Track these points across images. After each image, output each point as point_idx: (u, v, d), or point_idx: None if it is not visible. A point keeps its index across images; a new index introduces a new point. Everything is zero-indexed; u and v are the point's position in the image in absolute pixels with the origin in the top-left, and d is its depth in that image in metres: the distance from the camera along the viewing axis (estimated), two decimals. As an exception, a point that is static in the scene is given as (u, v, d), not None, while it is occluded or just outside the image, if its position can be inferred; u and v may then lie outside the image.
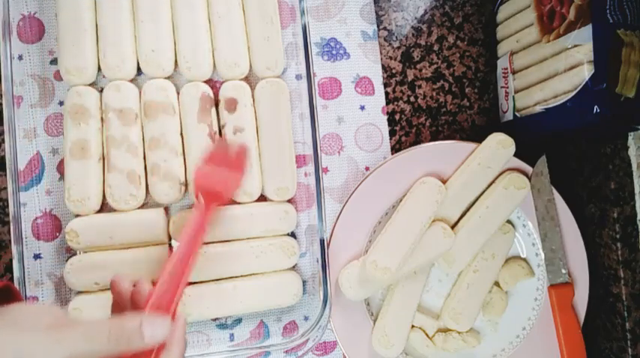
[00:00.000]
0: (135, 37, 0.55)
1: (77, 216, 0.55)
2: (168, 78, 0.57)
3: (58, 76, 0.56)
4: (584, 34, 0.51)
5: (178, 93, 0.56)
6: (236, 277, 0.56)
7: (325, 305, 0.54)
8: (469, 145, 0.59)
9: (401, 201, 0.58)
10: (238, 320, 0.59)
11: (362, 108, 0.62)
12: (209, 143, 0.55)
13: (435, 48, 0.65)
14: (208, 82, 0.57)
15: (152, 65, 0.55)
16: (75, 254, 0.55)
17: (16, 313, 0.35)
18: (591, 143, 0.61)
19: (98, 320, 0.35)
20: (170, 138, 0.55)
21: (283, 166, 0.57)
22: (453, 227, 0.59)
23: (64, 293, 0.56)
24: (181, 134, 0.56)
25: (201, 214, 0.48)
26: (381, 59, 0.63)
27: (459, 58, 0.65)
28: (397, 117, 0.64)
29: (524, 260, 0.62)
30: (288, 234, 0.58)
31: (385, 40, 0.64)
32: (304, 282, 0.59)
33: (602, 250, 0.60)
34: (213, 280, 0.56)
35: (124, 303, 0.42)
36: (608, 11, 0.50)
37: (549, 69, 0.55)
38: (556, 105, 0.54)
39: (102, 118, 0.55)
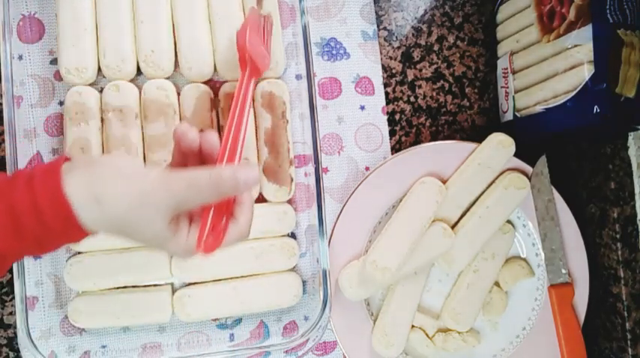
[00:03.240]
0: (135, 37, 0.55)
1: (77, 216, 0.55)
2: (168, 78, 0.57)
3: (58, 76, 0.56)
4: (584, 34, 0.51)
5: (179, 93, 0.56)
6: (236, 278, 0.57)
7: (325, 305, 0.54)
8: (469, 145, 0.59)
9: (401, 201, 0.58)
10: (238, 320, 0.59)
11: (362, 108, 0.62)
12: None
13: (435, 48, 0.65)
14: (208, 82, 0.57)
15: (152, 65, 0.55)
16: (75, 254, 0.55)
17: (120, 164, 0.38)
18: (591, 143, 0.61)
19: (198, 171, 0.38)
20: (170, 138, 0.55)
21: (282, 167, 0.57)
22: (453, 227, 0.59)
23: (64, 293, 0.56)
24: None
25: (248, 76, 0.50)
26: (381, 59, 0.63)
27: (459, 58, 0.65)
28: (397, 117, 0.64)
29: (524, 260, 0.62)
30: (287, 235, 0.58)
31: (385, 40, 0.64)
32: (304, 282, 0.59)
33: (602, 250, 0.60)
34: (213, 280, 0.56)
35: (190, 154, 0.43)
36: (608, 11, 0.50)
37: (549, 69, 0.55)
38: (556, 105, 0.54)
39: (102, 118, 0.55)
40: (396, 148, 0.63)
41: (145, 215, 0.37)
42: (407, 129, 0.64)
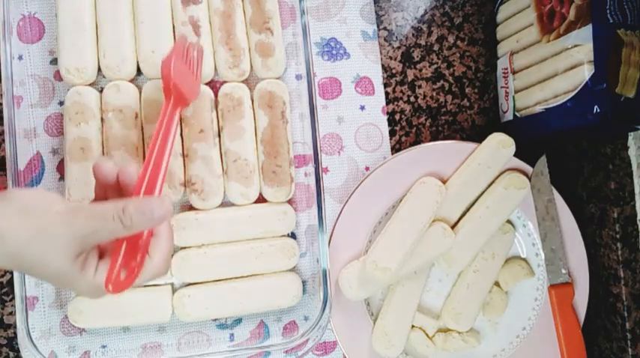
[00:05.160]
0: (135, 37, 0.55)
1: (77, 216, 0.55)
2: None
3: (58, 76, 0.56)
4: (584, 34, 0.51)
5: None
6: (236, 278, 0.57)
7: (325, 305, 0.54)
8: (469, 145, 0.59)
9: (401, 201, 0.58)
10: (238, 320, 0.59)
11: (362, 108, 0.62)
12: (210, 144, 0.55)
13: (435, 48, 0.65)
14: (209, 83, 0.57)
15: (152, 66, 0.55)
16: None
17: (25, 199, 0.37)
18: (591, 143, 0.61)
19: (104, 204, 0.38)
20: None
21: (282, 167, 0.57)
22: (453, 227, 0.59)
23: (64, 293, 0.56)
24: (181, 135, 0.56)
25: (172, 107, 0.48)
26: (381, 59, 0.63)
27: (459, 58, 0.65)
28: (397, 117, 0.64)
29: (524, 260, 0.62)
30: (287, 235, 0.58)
31: (385, 40, 0.64)
32: (304, 282, 0.59)
33: (602, 250, 0.60)
34: (213, 281, 0.56)
35: (108, 187, 0.42)
36: (608, 11, 0.50)
37: (549, 69, 0.55)
38: (556, 105, 0.54)
39: (102, 118, 0.55)
40: (396, 148, 0.63)
41: (44, 250, 0.36)
42: (407, 129, 0.64)
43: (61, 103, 0.56)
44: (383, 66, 0.63)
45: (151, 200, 0.39)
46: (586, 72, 0.50)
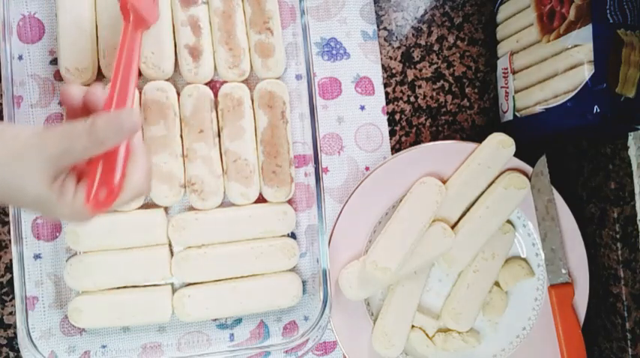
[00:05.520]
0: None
1: (77, 216, 0.55)
2: (168, 80, 0.56)
3: (58, 76, 0.56)
4: (584, 34, 0.51)
5: (179, 94, 0.56)
6: (236, 278, 0.57)
7: (325, 305, 0.54)
8: (469, 145, 0.59)
9: (401, 201, 0.58)
10: (238, 320, 0.59)
11: (362, 108, 0.62)
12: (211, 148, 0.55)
13: (435, 48, 0.65)
14: (208, 83, 0.57)
15: (152, 67, 0.55)
16: (75, 254, 0.55)
17: None
18: (591, 143, 0.61)
19: (74, 122, 0.37)
20: (170, 140, 0.55)
21: (282, 167, 0.57)
22: (453, 227, 0.59)
23: (64, 293, 0.56)
24: (181, 136, 0.56)
25: (133, 27, 0.47)
26: (381, 59, 0.63)
27: (459, 58, 0.65)
28: (397, 117, 0.64)
29: (524, 260, 0.62)
30: (287, 235, 0.58)
31: (385, 40, 0.64)
32: (304, 282, 0.59)
33: (602, 250, 0.60)
34: (213, 281, 0.56)
35: (78, 112, 0.41)
36: (608, 11, 0.50)
37: (549, 69, 0.55)
38: (556, 105, 0.54)
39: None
40: (396, 148, 0.63)
41: (19, 175, 0.35)
42: (407, 129, 0.64)
43: (61, 103, 0.56)
44: (383, 66, 0.63)
45: (119, 112, 0.39)
46: (586, 72, 0.50)
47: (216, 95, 0.57)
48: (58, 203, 0.37)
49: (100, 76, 0.56)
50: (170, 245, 0.57)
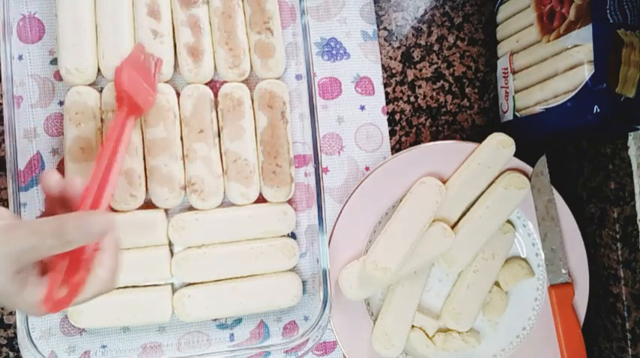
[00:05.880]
0: (135, 38, 0.55)
1: (77, 216, 0.55)
2: (167, 81, 0.56)
3: (58, 76, 0.56)
4: (584, 34, 0.51)
5: (178, 94, 0.56)
6: (236, 278, 0.57)
7: (325, 305, 0.54)
8: (469, 145, 0.59)
9: (401, 201, 0.58)
10: (238, 320, 0.59)
11: (362, 108, 0.62)
12: (212, 150, 0.55)
13: (435, 48, 0.65)
14: (209, 83, 0.57)
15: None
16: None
17: None
18: (591, 143, 0.61)
19: (44, 218, 0.37)
20: (170, 142, 0.55)
21: (282, 167, 0.57)
22: (453, 227, 0.59)
23: (64, 294, 0.56)
24: (181, 138, 0.56)
25: (125, 115, 0.47)
26: (381, 59, 0.63)
27: (459, 58, 0.65)
28: (397, 117, 0.64)
29: (524, 260, 0.62)
30: (287, 235, 0.58)
31: (385, 40, 0.64)
32: (304, 282, 0.59)
33: (602, 250, 0.60)
34: (213, 281, 0.56)
35: (55, 201, 0.41)
36: (608, 11, 0.50)
37: (549, 69, 0.55)
38: (556, 105, 0.54)
39: (102, 119, 0.55)
40: (396, 148, 0.63)
41: None
42: (407, 129, 0.64)
43: (61, 103, 0.56)
44: (383, 66, 0.63)
45: (90, 214, 0.38)
46: (586, 72, 0.50)
47: (216, 95, 0.57)
48: (17, 297, 0.37)
49: (99, 76, 0.56)
50: (170, 245, 0.57)
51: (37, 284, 0.37)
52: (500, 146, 0.58)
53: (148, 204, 0.56)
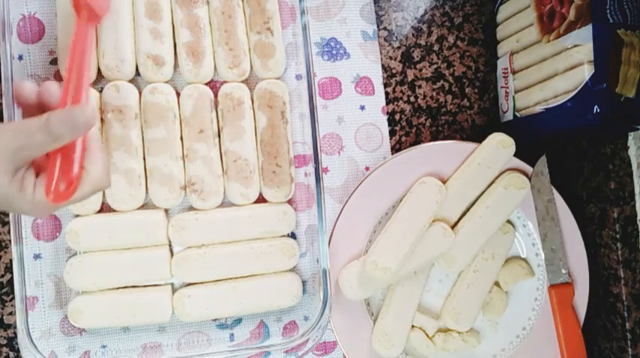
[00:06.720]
0: (134, 38, 0.55)
1: (77, 216, 0.55)
2: (168, 81, 0.56)
3: (58, 76, 0.56)
4: (584, 34, 0.51)
5: (178, 94, 0.56)
6: (236, 278, 0.57)
7: (325, 305, 0.54)
8: (469, 145, 0.59)
9: (401, 201, 0.58)
10: (238, 320, 0.59)
11: (362, 108, 0.62)
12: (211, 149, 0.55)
13: (435, 48, 0.65)
14: (209, 83, 0.57)
15: (151, 70, 0.55)
16: (75, 254, 0.55)
17: None
18: (591, 143, 0.61)
19: (29, 118, 0.38)
20: (170, 142, 0.55)
21: (282, 167, 0.57)
22: (453, 227, 0.59)
23: (64, 293, 0.56)
24: (181, 138, 0.56)
25: (85, 23, 0.47)
26: (381, 59, 0.63)
27: (459, 58, 0.65)
28: (397, 117, 0.64)
29: (524, 260, 0.62)
30: (287, 235, 0.58)
31: (385, 40, 0.64)
32: (304, 282, 0.59)
33: (602, 250, 0.60)
34: (213, 281, 0.56)
35: (33, 109, 0.42)
36: (608, 11, 0.50)
37: (549, 69, 0.55)
38: (556, 105, 0.54)
39: (102, 118, 0.55)
40: (396, 148, 0.63)
41: None
42: (407, 129, 0.64)
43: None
44: (383, 66, 0.63)
45: (73, 108, 0.39)
46: (586, 72, 0.50)
47: (216, 95, 0.57)
48: (18, 197, 0.38)
49: (99, 76, 0.56)
50: (170, 245, 0.57)
51: (35, 185, 0.39)
52: (500, 146, 0.58)
53: (148, 204, 0.57)
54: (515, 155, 0.59)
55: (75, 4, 0.48)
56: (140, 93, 0.55)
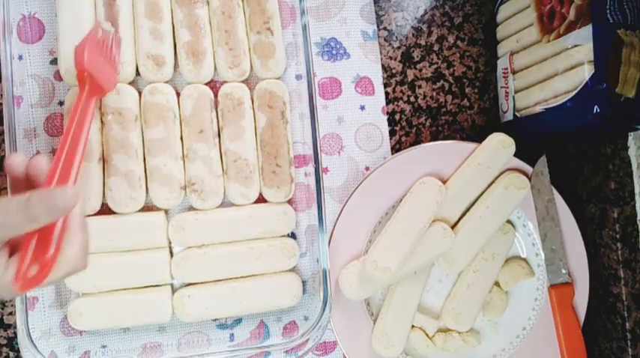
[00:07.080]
0: (134, 39, 0.55)
1: (77, 216, 0.55)
2: (168, 81, 0.56)
3: (58, 76, 0.56)
4: (584, 34, 0.51)
5: (178, 94, 0.56)
6: (236, 278, 0.57)
7: (325, 305, 0.54)
8: (469, 145, 0.59)
9: (401, 201, 0.58)
10: (238, 320, 0.59)
11: (362, 108, 0.62)
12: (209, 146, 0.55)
13: (435, 48, 0.65)
14: (209, 83, 0.57)
15: (151, 70, 0.55)
16: (75, 254, 0.55)
17: None
18: (591, 143, 0.61)
19: (10, 197, 0.37)
20: (170, 142, 0.55)
21: (282, 167, 0.57)
22: (453, 227, 0.59)
23: (64, 293, 0.56)
24: (181, 138, 0.56)
25: (87, 96, 0.46)
26: (381, 59, 0.63)
27: (459, 58, 0.65)
28: (397, 117, 0.64)
29: (524, 260, 0.62)
30: (287, 235, 0.58)
31: (385, 40, 0.64)
32: (304, 282, 0.59)
33: (602, 250, 0.60)
34: (213, 281, 0.56)
35: (21, 184, 0.41)
36: (608, 11, 0.50)
37: (549, 69, 0.55)
38: (556, 105, 0.54)
39: (102, 119, 0.55)
40: (396, 148, 0.63)
41: None
42: (407, 129, 0.64)
43: (61, 103, 0.56)
44: (383, 66, 0.63)
45: (54, 190, 0.37)
46: (586, 72, 0.50)
47: (216, 95, 0.57)
48: None
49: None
50: (170, 246, 0.57)
51: (6, 266, 0.37)
52: (500, 146, 0.58)
53: (149, 207, 0.56)
54: (515, 155, 0.59)
55: (79, 76, 0.46)
56: (140, 93, 0.55)
